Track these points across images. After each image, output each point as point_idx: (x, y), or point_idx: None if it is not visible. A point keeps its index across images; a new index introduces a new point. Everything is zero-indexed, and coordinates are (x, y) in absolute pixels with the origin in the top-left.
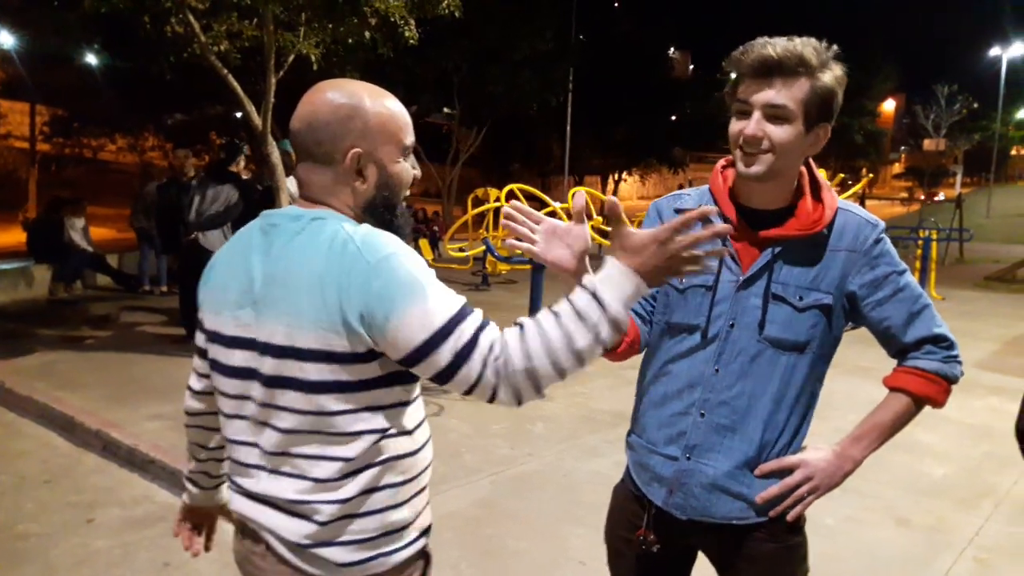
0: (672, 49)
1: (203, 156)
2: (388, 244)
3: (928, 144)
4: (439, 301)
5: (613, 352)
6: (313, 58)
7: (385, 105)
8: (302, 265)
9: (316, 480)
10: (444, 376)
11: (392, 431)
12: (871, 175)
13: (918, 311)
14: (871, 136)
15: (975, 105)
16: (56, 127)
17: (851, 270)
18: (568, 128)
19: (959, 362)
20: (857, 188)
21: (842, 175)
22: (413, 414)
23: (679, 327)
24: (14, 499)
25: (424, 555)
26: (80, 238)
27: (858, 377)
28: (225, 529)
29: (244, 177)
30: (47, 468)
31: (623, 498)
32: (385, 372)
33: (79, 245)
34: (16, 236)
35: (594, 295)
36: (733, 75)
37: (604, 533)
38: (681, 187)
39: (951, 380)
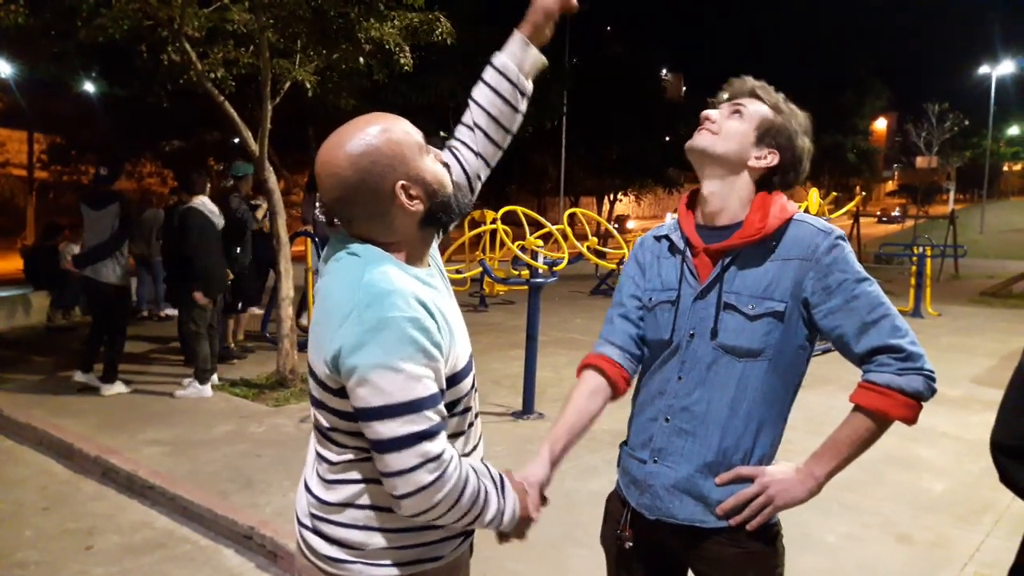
0: (665, 71)
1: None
2: (392, 307)
3: (920, 162)
4: (402, 380)
5: (614, 399)
6: (308, 85)
7: (385, 127)
8: (326, 298)
9: (318, 476)
10: (376, 449)
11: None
12: (864, 193)
13: (873, 320)
14: (864, 154)
15: (966, 123)
16: (54, 154)
17: (804, 278)
18: (563, 150)
19: (922, 375)
20: (851, 206)
21: (835, 193)
22: None
23: (653, 343)
24: (13, 526)
25: None
26: None
27: None
28: (225, 553)
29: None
30: (46, 495)
31: (612, 501)
32: None
33: (77, 272)
34: (14, 263)
35: (501, 511)
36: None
37: (600, 538)
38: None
39: (909, 394)
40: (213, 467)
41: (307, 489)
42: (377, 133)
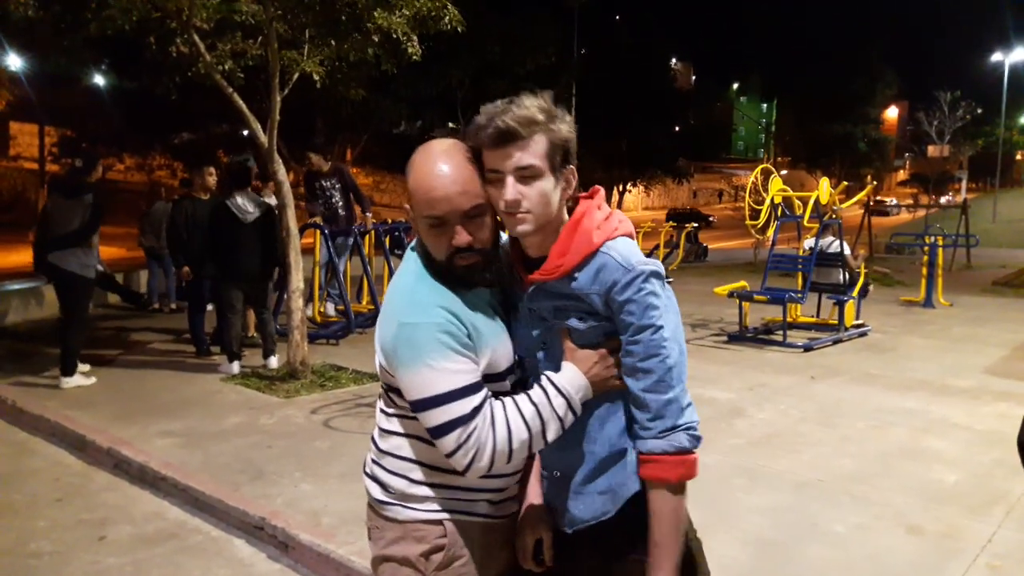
0: (674, 60)
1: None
2: (416, 312)
3: (932, 150)
4: (436, 376)
5: None
6: (316, 76)
7: (414, 177)
8: (390, 291)
9: (378, 426)
10: (431, 435)
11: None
12: (875, 182)
13: (644, 370)
14: (875, 143)
15: (978, 111)
16: (65, 148)
17: (606, 310)
18: None
19: (683, 431)
20: (861, 196)
21: (846, 183)
22: None
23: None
24: (27, 517)
25: (440, 524)
26: None
27: (865, 385)
28: (236, 544)
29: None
30: (59, 486)
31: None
32: None
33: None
34: (26, 256)
35: (568, 403)
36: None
37: None
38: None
39: (675, 452)
40: (224, 458)
41: (372, 440)
42: (415, 172)
